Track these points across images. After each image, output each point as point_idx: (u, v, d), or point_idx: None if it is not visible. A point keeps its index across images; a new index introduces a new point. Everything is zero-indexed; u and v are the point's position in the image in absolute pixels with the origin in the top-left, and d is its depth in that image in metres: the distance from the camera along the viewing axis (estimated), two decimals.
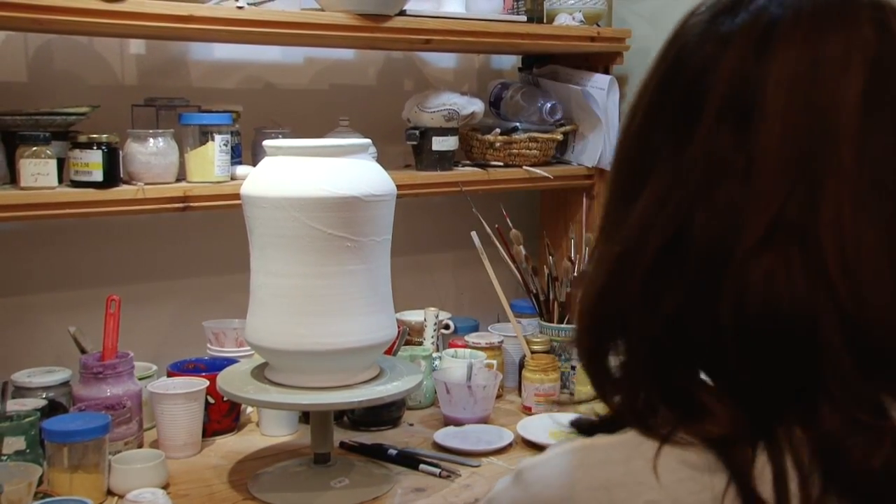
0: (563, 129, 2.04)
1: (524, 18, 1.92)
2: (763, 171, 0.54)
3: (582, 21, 1.98)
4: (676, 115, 0.58)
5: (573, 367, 1.81)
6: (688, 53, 0.59)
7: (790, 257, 0.53)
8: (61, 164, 1.48)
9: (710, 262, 0.55)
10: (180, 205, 1.55)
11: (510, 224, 1.88)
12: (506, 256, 1.88)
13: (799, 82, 0.54)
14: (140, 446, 1.49)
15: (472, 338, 1.86)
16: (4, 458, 1.30)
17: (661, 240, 0.57)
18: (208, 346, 1.73)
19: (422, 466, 1.45)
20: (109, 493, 1.35)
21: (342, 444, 1.54)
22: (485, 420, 1.66)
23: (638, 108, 0.62)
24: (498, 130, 1.95)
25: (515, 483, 0.61)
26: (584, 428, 0.62)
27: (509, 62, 2.27)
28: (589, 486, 0.57)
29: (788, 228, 0.53)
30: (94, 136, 1.48)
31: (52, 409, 1.43)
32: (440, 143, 1.87)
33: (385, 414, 1.63)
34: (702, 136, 0.56)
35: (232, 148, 1.62)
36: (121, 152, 1.52)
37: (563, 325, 1.85)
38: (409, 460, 1.47)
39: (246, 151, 1.73)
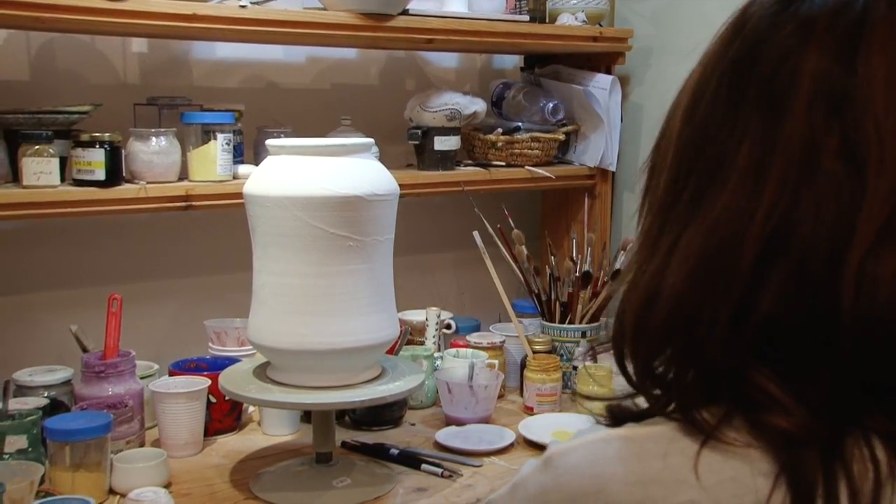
0: (565, 129, 2.04)
1: (526, 18, 1.92)
2: (873, 160, 0.52)
3: (584, 21, 1.98)
4: (760, 92, 0.55)
5: (575, 368, 1.81)
6: (762, 35, 0.56)
7: None
8: (64, 162, 1.48)
9: (824, 253, 0.52)
10: (182, 204, 1.55)
11: (512, 224, 1.88)
12: (507, 256, 1.88)
13: None
14: (142, 445, 1.49)
15: (473, 337, 1.86)
16: (6, 456, 1.30)
17: (766, 227, 0.53)
18: (210, 345, 1.73)
19: (423, 466, 1.45)
20: (111, 491, 1.35)
21: (344, 444, 1.54)
22: (486, 420, 1.66)
23: (704, 91, 0.58)
24: (500, 130, 1.95)
25: (544, 469, 0.59)
26: (615, 415, 0.60)
27: (511, 62, 2.27)
28: (624, 479, 0.55)
29: None
30: (97, 134, 1.48)
31: (54, 407, 1.43)
32: (442, 143, 1.86)
33: (387, 413, 1.63)
34: (795, 116, 0.54)
35: (234, 147, 1.62)
36: (123, 151, 1.52)
37: (564, 325, 1.85)
38: (411, 460, 1.47)
39: (248, 150, 1.73)
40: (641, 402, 0.61)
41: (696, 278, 0.56)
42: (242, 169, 1.63)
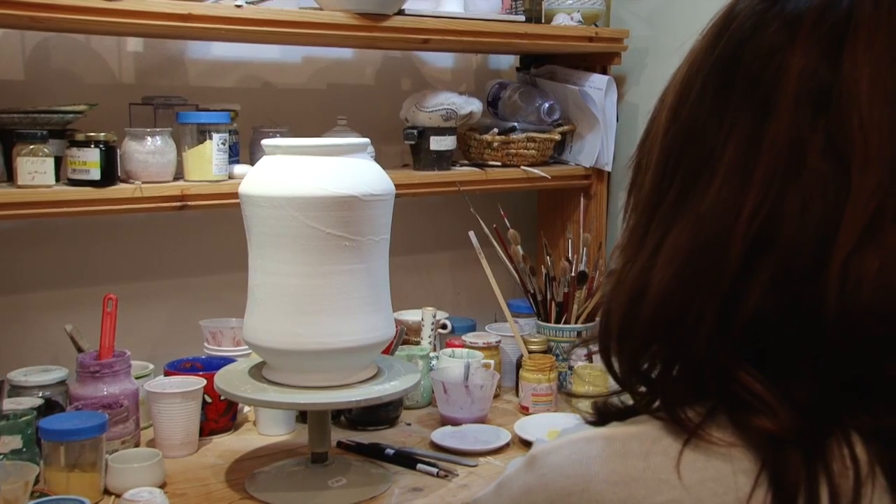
0: (560, 129, 2.04)
1: (522, 18, 1.92)
2: (857, 160, 0.52)
3: (580, 21, 1.98)
4: (746, 91, 0.55)
5: (570, 368, 1.81)
6: (748, 33, 0.56)
7: None
8: (59, 162, 1.48)
9: (808, 251, 0.52)
10: (178, 203, 1.54)
11: (508, 224, 1.88)
12: (503, 256, 1.88)
13: (889, 76, 0.52)
14: (137, 445, 1.49)
15: (469, 337, 1.86)
16: (0, 457, 1.30)
17: (752, 226, 0.53)
18: (205, 345, 1.73)
19: (419, 466, 1.45)
20: (106, 492, 1.34)
21: (339, 444, 1.54)
22: (482, 420, 1.66)
23: (690, 89, 0.58)
24: (496, 130, 1.95)
25: (528, 468, 0.59)
26: (600, 412, 0.60)
27: (507, 62, 2.27)
28: (606, 479, 0.55)
29: (894, 219, 0.51)
30: (92, 134, 1.47)
31: (49, 407, 1.43)
32: (438, 143, 1.86)
33: (382, 413, 1.63)
34: (780, 115, 0.54)
35: (230, 147, 1.62)
36: (118, 151, 1.52)
37: (560, 325, 1.85)
38: (407, 460, 1.47)
39: (244, 150, 1.73)
40: (628, 398, 0.61)
41: (683, 276, 0.56)
42: (238, 169, 1.63)
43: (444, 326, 1.93)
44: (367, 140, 1.42)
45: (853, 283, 0.51)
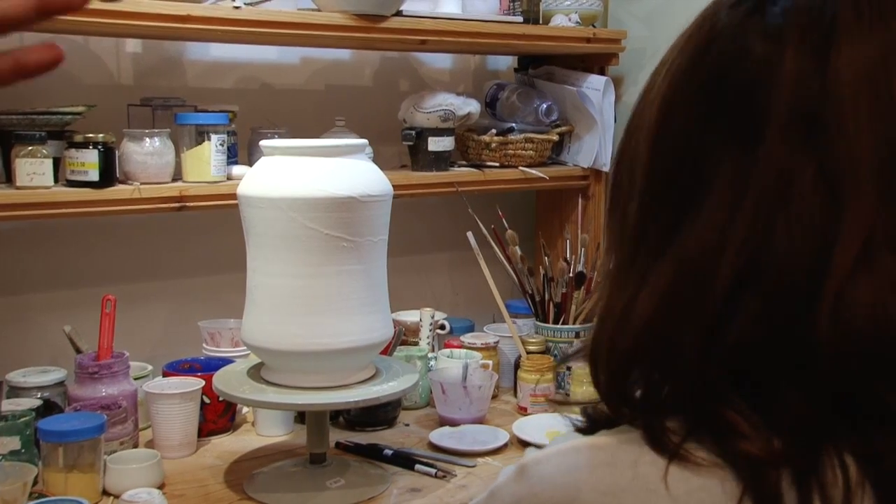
0: (558, 129, 2.05)
1: (520, 19, 1.92)
2: (848, 184, 0.51)
3: (578, 22, 1.98)
4: (733, 119, 0.54)
5: (568, 368, 1.81)
6: (733, 50, 0.55)
7: (894, 276, 0.50)
8: (57, 163, 1.48)
9: (798, 282, 0.51)
10: (176, 205, 1.55)
11: (506, 224, 1.89)
12: (501, 257, 1.88)
13: (871, 82, 0.51)
14: (135, 446, 1.49)
15: (467, 338, 1.86)
16: None
17: (738, 259, 0.52)
18: (204, 345, 1.73)
19: (417, 467, 1.45)
20: (105, 493, 1.35)
21: (338, 445, 1.54)
22: (480, 420, 1.66)
23: (673, 115, 0.57)
24: (494, 131, 1.95)
25: (518, 478, 0.59)
26: (590, 417, 0.60)
27: (505, 63, 2.27)
28: (595, 488, 0.54)
29: (887, 244, 0.50)
30: (90, 135, 1.48)
31: (48, 408, 1.43)
32: (436, 144, 1.87)
33: (381, 414, 1.64)
34: (769, 144, 0.52)
35: (228, 148, 1.62)
36: (117, 152, 1.52)
37: (558, 326, 1.86)
38: (405, 460, 1.47)
39: (242, 151, 1.73)
40: None
41: (665, 310, 0.55)
42: (236, 170, 1.63)
43: (442, 327, 1.93)
44: (365, 141, 1.42)
45: (846, 312, 0.50)
